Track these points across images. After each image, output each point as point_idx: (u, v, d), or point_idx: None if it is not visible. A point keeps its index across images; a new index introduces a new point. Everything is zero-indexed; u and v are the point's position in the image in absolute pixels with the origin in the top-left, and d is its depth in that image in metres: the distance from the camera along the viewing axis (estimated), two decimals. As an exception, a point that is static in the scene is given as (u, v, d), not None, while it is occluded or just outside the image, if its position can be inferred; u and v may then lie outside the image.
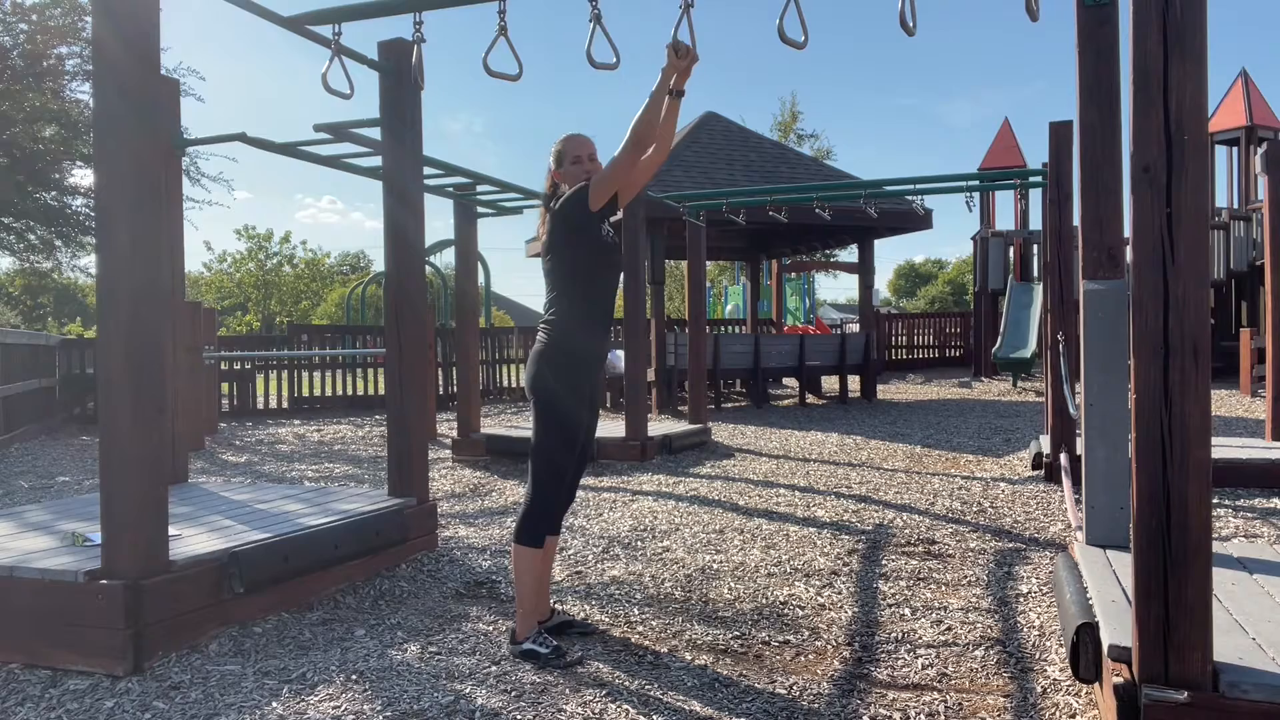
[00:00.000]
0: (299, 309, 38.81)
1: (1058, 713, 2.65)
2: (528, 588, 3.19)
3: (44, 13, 14.64)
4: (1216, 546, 3.16)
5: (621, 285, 8.17)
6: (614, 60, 3.66)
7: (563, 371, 3.19)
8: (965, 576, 4.08)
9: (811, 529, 5.06)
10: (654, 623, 3.50)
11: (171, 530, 3.47)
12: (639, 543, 4.79)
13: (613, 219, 3.36)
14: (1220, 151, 17.14)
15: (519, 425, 9.42)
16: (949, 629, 3.38)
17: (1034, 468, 6.71)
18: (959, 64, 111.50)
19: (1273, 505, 5.34)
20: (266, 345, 14.17)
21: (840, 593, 3.86)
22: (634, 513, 5.54)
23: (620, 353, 10.36)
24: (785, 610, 3.63)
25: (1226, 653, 2.30)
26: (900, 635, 3.32)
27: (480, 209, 8.52)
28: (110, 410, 3.12)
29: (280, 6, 4.21)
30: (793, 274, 19.97)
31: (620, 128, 3.07)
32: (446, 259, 23.52)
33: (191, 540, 3.63)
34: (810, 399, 13.53)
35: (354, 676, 2.99)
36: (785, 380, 15.44)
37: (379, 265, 26.81)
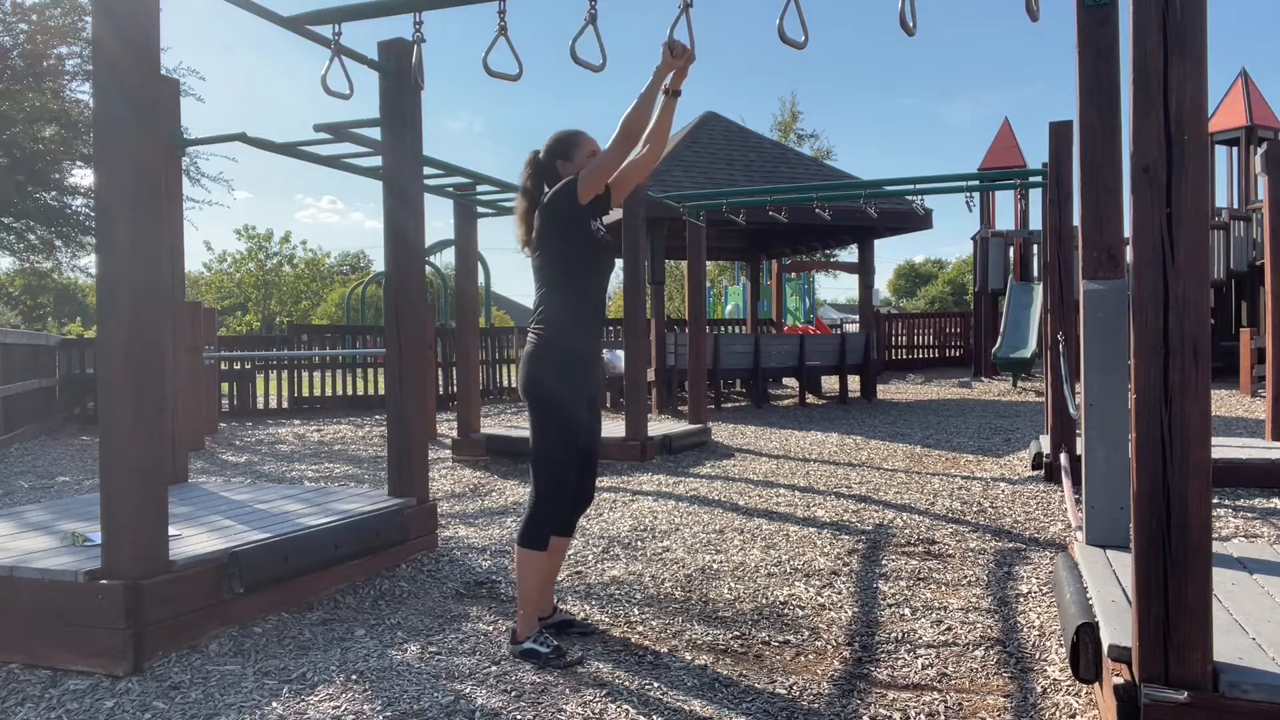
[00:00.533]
0: (299, 309, 38.82)
1: (1058, 713, 2.65)
2: (530, 589, 3.19)
3: (44, 13, 14.64)
4: (1216, 546, 3.16)
5: (621, 285, 8.18)
6: (600, 62, 3.65)
7: (560, 369, 3.17)
8: (965, 576, 4.08)
9: (811, 529, 5.06)
10: (654, 623, 3.50)
11: (171, 530, 3.47)
12: (639, 543, 4.79)
13: (605, 218, 3.35)
14: (1220, 151, 17.14)
15: (519, 425, 9.42)
16: (949, 629, 3.38)
17: (1034, 468, 6.71)
18: (959, 64, 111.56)
19: (1273, 505, 5.34)
20: (266, 345, 14.18)
21: (840, 593, 3.86)
22: (634, 513, 5.54)
23: (620, 353, 10.37)
24: (785, 610, 3.63)
25: (1226, 653, 2.30)
26: (900, 635, 3.32)
27: (480, 209, 8.52)
28: (110, 410, 3.12)
29: (280, 6, 4.21)
30: (793, 274, 19.96)
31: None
32: (446, 259, 23.51)
33: (191, 540, 3.63)
34: (810, 399, 13.53)
35: (354, 676, 2.99)
36: (785, 380, 15.44)
37: (379, 265, 26.82)
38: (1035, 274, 16.26)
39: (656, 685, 2.89)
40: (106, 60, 3.15)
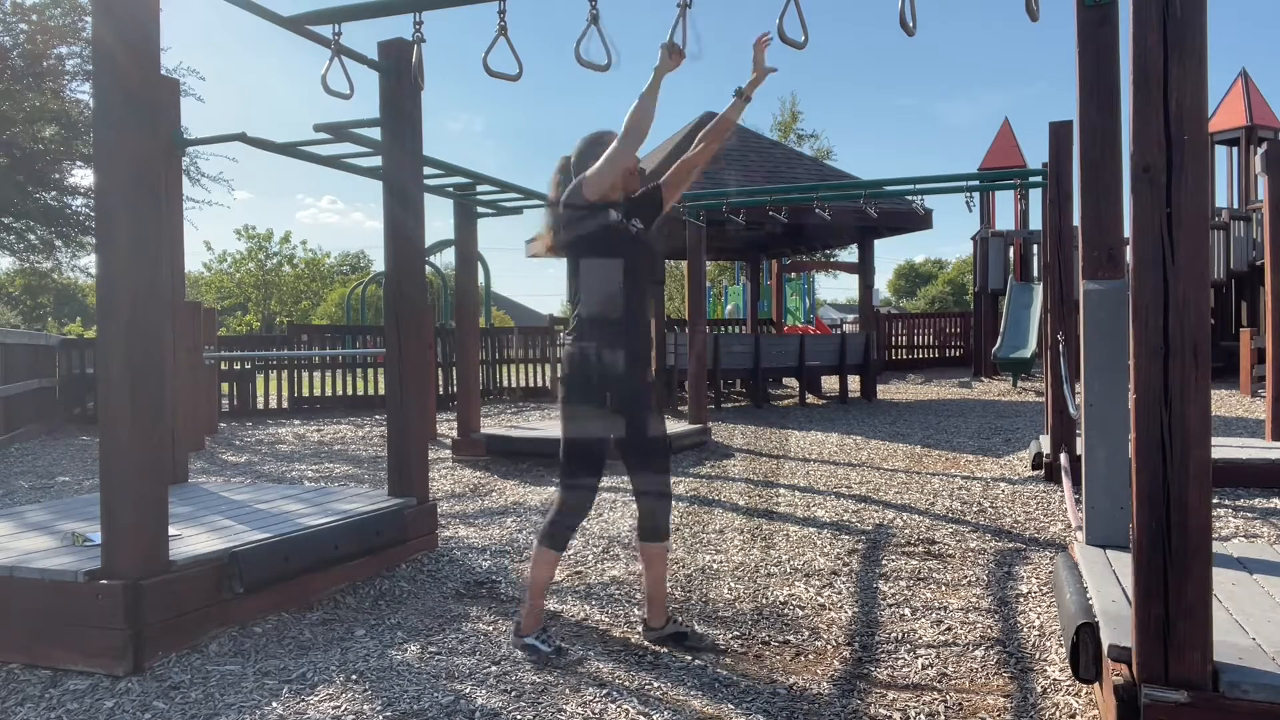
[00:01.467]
0: (299, 309, 38.83)
1: (1058, 713, 2.65)
2: (540, 583, 3.20)
3: (44, 13, 14.64)
4: (1216, 546, 3.16)
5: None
6: (606, 62, 3.62)
7: (581, 376, 3.15)
8: (965, 576, 4.07)
9: (811, 529, 5.06)
10: (654, 623, 3.50)
11: (171, 530, 3.47)
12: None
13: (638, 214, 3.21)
14: (1220, 151, 17.14)
15: (519, 425, 9.42)
16: (949, 629, 3.38)
17: (1034, 468, 6.71)
18: (959, 64, 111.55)
19: (1273, 505, 5.34)
20: (266, 345, 14.16)
21: (840, 593, 3.86)
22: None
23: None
24: (785, 610, 3.63)
25: (1226, 653, 2.30)
26: (900, 635, 3.32)
27: (480, 209, 8.51)
28: (110, 410, 3.12)
29: (280, 6, 4.21)
30: (793, 274, 19.96)
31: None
32: (446, 259, 23.49)
33: (191, 540, 3.63)
34: (810, 399, 13.53)
35: (354, 676, 2.99)
36: (785, 380, 15.44)
37: (379, 265, 26.80)
38: (1035, 274, 16.26)
39: (656, 685, 2.89)
40: (106, 60, 3.15)
